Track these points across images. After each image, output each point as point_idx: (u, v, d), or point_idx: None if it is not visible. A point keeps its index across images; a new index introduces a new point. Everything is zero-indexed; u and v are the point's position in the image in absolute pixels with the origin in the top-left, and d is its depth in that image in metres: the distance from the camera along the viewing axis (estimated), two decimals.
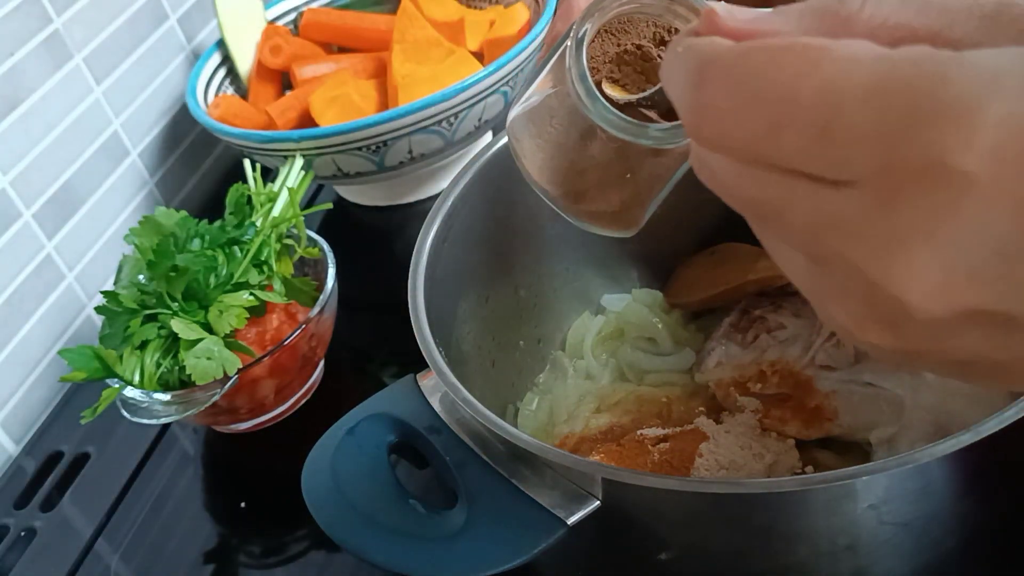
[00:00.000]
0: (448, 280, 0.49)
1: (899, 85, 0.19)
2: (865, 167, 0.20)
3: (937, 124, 0.19)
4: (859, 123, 0.20)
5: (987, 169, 0.19)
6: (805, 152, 0.21)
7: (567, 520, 0.37)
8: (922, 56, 0.20)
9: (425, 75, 0.73)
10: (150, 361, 0.56)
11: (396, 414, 0.43)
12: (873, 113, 0.20)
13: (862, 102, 0.20)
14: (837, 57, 0.20)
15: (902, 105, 0.19)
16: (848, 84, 0.20)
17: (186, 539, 0.57)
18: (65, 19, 0.73)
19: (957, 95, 0.19)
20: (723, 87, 0.22)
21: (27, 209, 0.69)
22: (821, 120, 0.20)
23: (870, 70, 0.20)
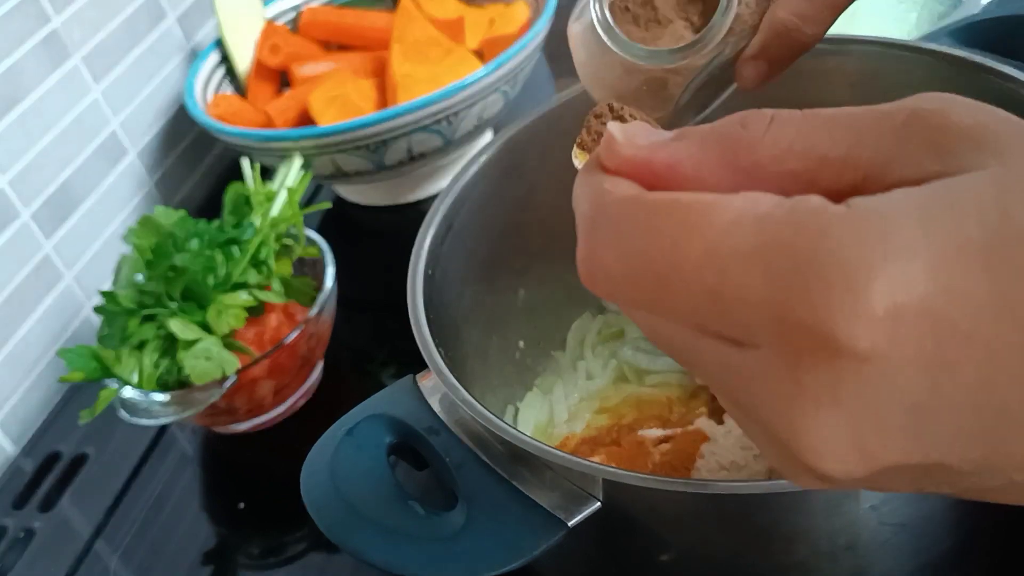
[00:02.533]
0: (447, 280, 0.49)
1: (783, 251, 0.19)
2: (760, 332, 0.19)
3: (824, 293, 0.18)
4: (747, 289, 0.19)
5: (883, 335, 0.18)
6: (698, 314, 0.20)
7: (567, 521, 0.37)
8: (806, 216, 0.19)
9: (424, 74, 0.73)
10: (149, 361, 0.55)
11: (395, 415, 0.43)
12: (759, 279, 0.19)
13: (746, 267, 0.19)
14: (718, 220, 0.19)
15: (787, 271, 0.18)
16: (731, 249, 0.19)
17: (185, 540, 0.57)
18: (63, 18, 0.73)
19: (842, 260, 0.18)
20: (610, 242, 0.21)
21: (26, 209, 0.69)
22: (708, 285, 0.19)
23: (753, 233, 0.19)
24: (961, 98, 0.21)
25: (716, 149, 0.21)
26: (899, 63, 0.50)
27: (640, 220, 0.20)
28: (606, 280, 0.21)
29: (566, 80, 0.89)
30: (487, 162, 0.52)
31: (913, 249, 0.18)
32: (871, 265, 0.18)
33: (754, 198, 0.19)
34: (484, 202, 0.52)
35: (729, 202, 0.19)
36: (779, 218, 0.19)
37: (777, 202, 0.19)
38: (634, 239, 0.20)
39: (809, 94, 0.54)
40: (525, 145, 0.54)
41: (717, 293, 0.19)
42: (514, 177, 0.54)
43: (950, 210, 0.18)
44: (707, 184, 0.21)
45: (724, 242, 0.19)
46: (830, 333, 0.18)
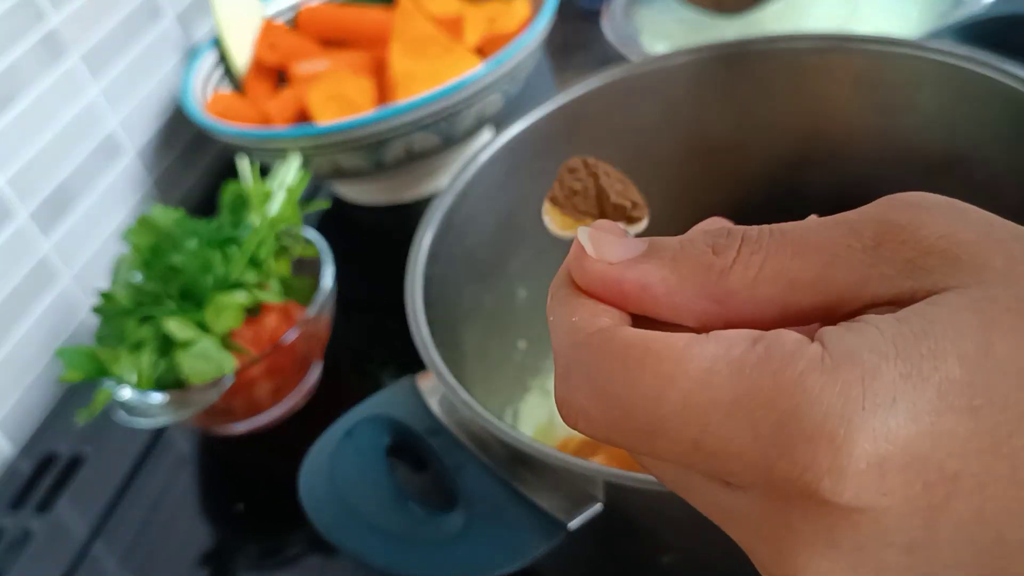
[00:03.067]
0: (447, 280, 0.49)
1: (761, 403, 0.18)
2: (748, 480, 0.19)
3: (806, 449, 0.18)
4: (729, 442, 0.19)
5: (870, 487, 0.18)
6: (684, 459, 0.20)
7: (568, 523, 0.37)
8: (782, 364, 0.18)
9: (424, 72, 0.73)
10: (146, 361, 0.55)
11: (394, 416, 0.43)
12: (741, 433, 0.18)
13: (727, 421, 0.19)
14: (694, 369, 0.19)
15: (768, 425, 0.18)
16: (710, 401, 0.19)
17: (183, 541, 0.57)
18: (61, 17, 0.73)
19: (821, 415, 0.18)
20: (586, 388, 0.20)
21: (23, 208, 0.69)
22: (690, 435, 0.19)
23: (730, 384, 0.19)
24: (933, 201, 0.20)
25: (688, 274, 0.21)
26: (901, 61, 0.50)
27: (614, 367, 0.20)
28: (587, 424, 0.21)
29: (566, 78, 0.89)
30: (487, 161, 0.52)
31: (892, 397, 0.18)
32: (851, 418, 0.17)
33: (728, 341, 0.19)
34: (484, 201, 0.52)
35: (702, 348, 0.19)
36: (755, 365, 0.18)
37: (750, 345, 0.19)
38: (610, 387, 0.20)
39: (812, 92, 0.54)
40: (525, 144, 0.53)
41: (700, 444, 0.19)
42: (514, 176, 0.53)
43: (927, 347, 0.18)
44: (679, 309, 0.21)
45: (702, 394, 0.19)
46: (816, 489, 0.18)
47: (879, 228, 0.20)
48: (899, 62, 0.50)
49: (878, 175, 0.53)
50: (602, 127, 0.55)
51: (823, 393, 0.18)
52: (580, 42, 0.94)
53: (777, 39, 0.53)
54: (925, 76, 0.49)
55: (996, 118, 0.47)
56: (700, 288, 0.21)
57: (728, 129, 0.55)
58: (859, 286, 0.20)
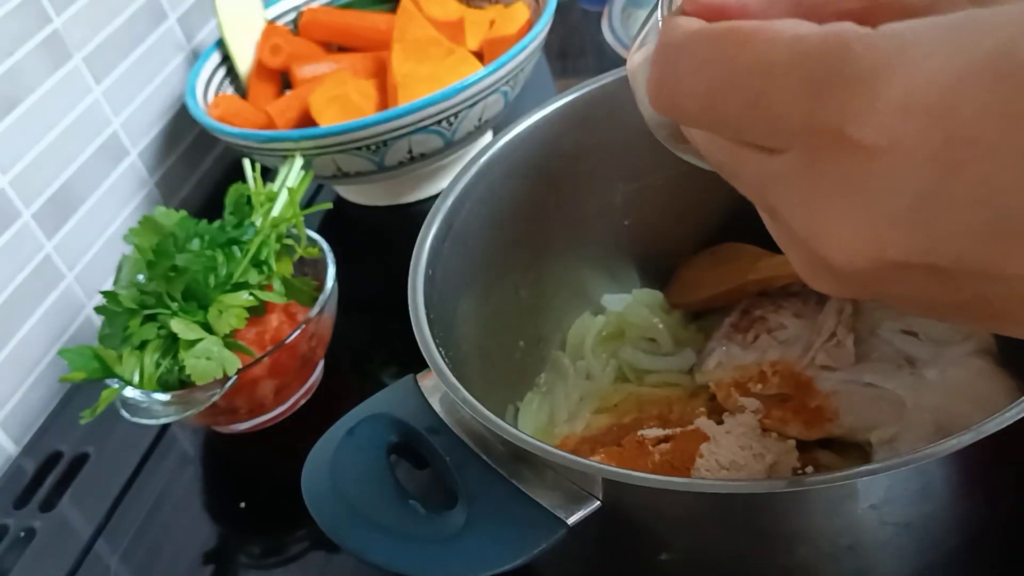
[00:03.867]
0: (448, 280, 0.49)
1: (812, 60, 0.21)
2: (790, 133, 0.22)
3: (843, 94, 0.21)
4: (781, 94, 0.22)
5: (891, 132, 0.20)
6: (742, 120, 0.23)
7: (567, 520, 0.37)
8: (833, 33, 0.21)
9: (425, 74, 0.73)
10: (149, 361, 0.55)
11: (396, 414, 0.43)
12: (792, 84, 0.22)
13: (783, 75, 0.22)
14: (764, 38, 0.22)
15: (815, 77, 0.21)
16: (772, 60, 0.22)
17: (186, 539, 0.57)
18: (64, 19, 0.73)
19: (860, 67, 0.21)
20: (675, 64, 0.24)
21: (26, 209, 0.69)
22: (752, 92, 0.23)
23: (788, 48, 0.22)
24: None
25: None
26: None
27: (701, 43, 0.24)
28: (670, 95, 0.25)
29: (566, 80, 0.90)
30: (487, 162, 0.52)
31: (929, 57, 0.20)
32: (886, 68, 0.20)
33: (796, 22, 0.22)
34: (485, 202, 0.52)
35: (774, 24, 0.22)
36: (814, 36, 0.22)
37: (813, 25, 0.22)
38: (694, 58, 0.24)
39: None
40: (525, 145, 0.54)
41: (758, 99, 0.22)
42: (514, 177, 0.54)
43: (971, 30, 0.20)
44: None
45: (769, 54, 0.22)
46: (846, 127, 0.21)
47: None
48: None
49: None
50: (602, 128, 0.55)
51: (868, 52, 0.21)
52: (580, 44, 0.95)
53: None
54: None
55: None
56: (791, 4, 0.24)
57: None
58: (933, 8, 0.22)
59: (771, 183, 0.24)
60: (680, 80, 0.24)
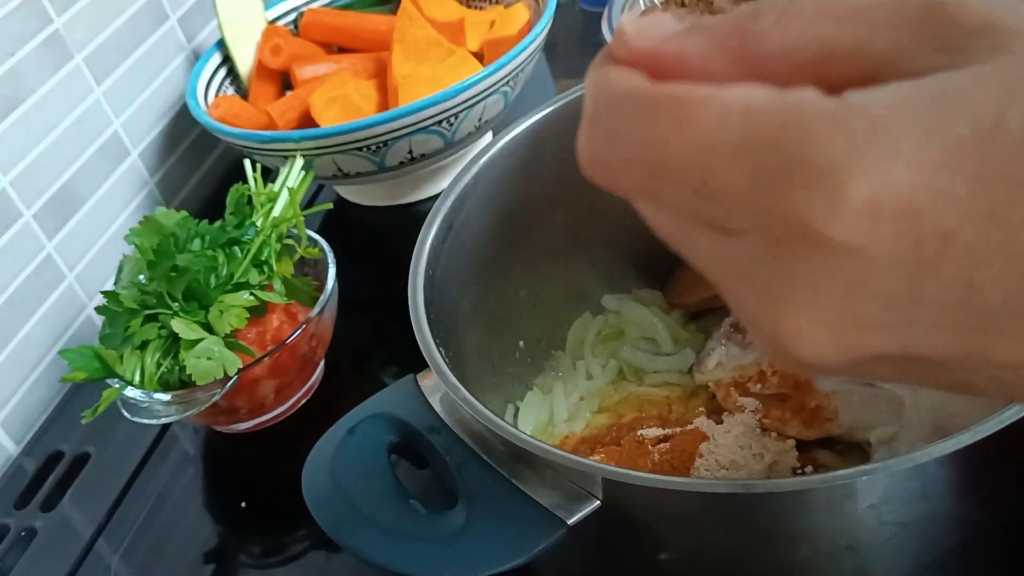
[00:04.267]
0: (448, 280, 0.49)
1: (767, 145, 0.19)
2: (746, 223, 0.20)
3: (805, 187, 0.18)
4: (731, 182, 0.19)
5: (861, 229, 0.18)
6: (687, 204, 0.20)
7: (567, 520, 0.37)
8: (795, 112, 0.19)
9: (425, 75, 0.73)
10: (150, 361, 0.56)
11: (396, 414, 0.43)
12: (743, 172, 0.19)
13: (731, 161, 0.19)
14: (710, 113, 0.19)
15: (771, 166, 0.19)
16: (717, 142, 0.19)
17: (186, 539, 0.57)
18: (65, 19, 0.73)
19: (825, 158, 0.18)
20: (607, 131, 0.21)
21: (27, 209, 0.69)
22: (695, 177, 0.20)
23: (739, 127, 0.19)
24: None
25: (725, 42, 0.21)
26: None
27: (636, 111, 0.20)
28: (603, 169, 0.22)
29: (566, 81, 0.90)
30: (487, 162, 0.52)
31: (897, 147, 0.18)
32: (852, 162, 0.18)
33: (747, 91, 0.19)
34: (485, 202, 0.52)
35: (722, 95, 0.19)
36: (768, 113, 0.19)
37: (769, 95, 0.19)
38: (629, 130, 0.21)
39: None
40: (525, 146, 0.54)
41: (703, 185, 0.20)
42: (514, 177, 0.54)
43: (943, 106, 0.18)
44: (714, 78, 0.21)
45: (713, 135, 0.19)
46: (809, 224, 0.18)
47: (923, 5, 0.20)
48: None
49: None
50: None
51: (830, 140, 0.18)
52: (580, 45, 0.95)
53: None
54: None
55: None
56: (736, 56, 0.21)
57: None
58: (895, 59, 0.20)
59: (727, 268, 0.21)
60: (612, 150, 0.21)
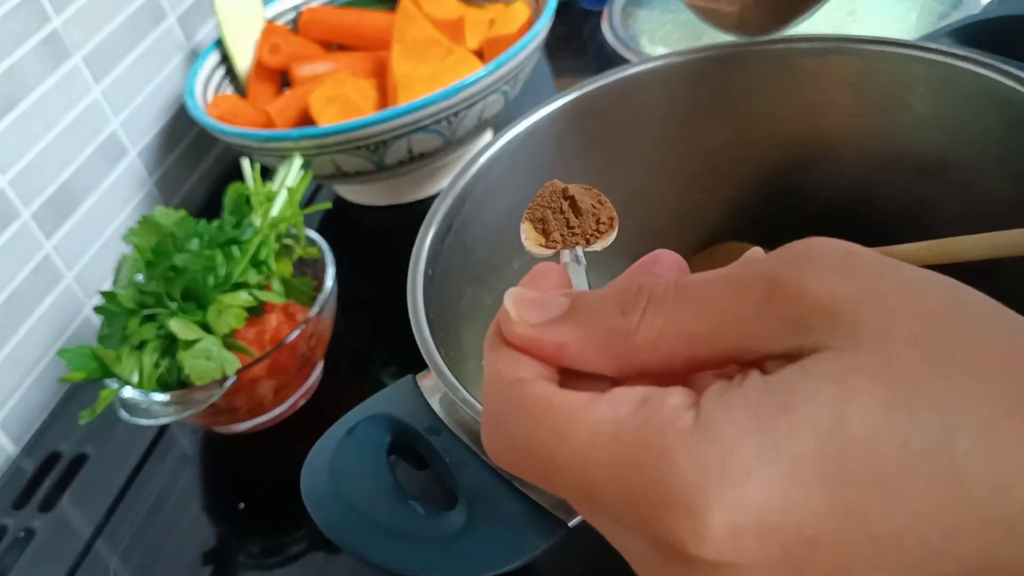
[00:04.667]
0: (448, 280, 0.49)
1: (634, 466, 0.20)
2: (630, 532, 0.21)
3: (670, 512, 0.19)
4: (608, 499, 0.20)
5: (729, 549, 0.19)
6: (579, 507, 0.22)
7: (568, 521, 0.37)
8: (654, 431, 0.20)
9: (425, 74, 0.73)
10: (149, 361, 0.55)
11: (395, 415, 0.43)
12: (618, 491, 0.20)
13: (607, 478, 0.20)
14: (582, 429, 0.21)
15: (639, 488, 0.20)
16: (592, 459, 0.21)
17: (185, 540, 0.57)
18: (64, 18, 0.73)
19: (683, 485, 0.19)
20: (499, 431, 0.23)
21: (26, 209, 0.69)
22: (579, 487, 0.21)
23: (610, 446, 0.20)
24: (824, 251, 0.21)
25: (598, 336, 0.23)
26: (899, 63, 0.50)
27: (519, 419, 0.22)
28: (504, 463, 0.23)
29: (566, 80, 0.89)
30: (487, 162, 0.52)
31: (747, 470, 0.19)
32: (708, 491, 0.19)
33: (616, 404, 0.21)
34: (484, 202, 0.52)
35: (593, 410, 0.21)
36: (633, 432, 0.20)
37: (634, 409, 0.21)
38: (515, 436, 0.22)
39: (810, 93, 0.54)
40: (525, 145, 0.54)
41: (589, 496, 0.21)
42: (514, 177, 0.54)
43: (787, 417, 0.19)
44: (592, 365, 0.23)
45: (587, 452, 0.21)
46: (681, 547, 0.19)
47: (768, 285, 0.21)
48: (895, 64, 0.50)
49: (874, 176, 0.53)
50: (601, 128, 0.55)
51: (685, 466, 0.19)
52: (580, 44, 0.95)
53: (774, 41, 0.53)
54: (921, 78, 0.50)
55: (992, 120, 0.47)
56: (609, 348, 0.23)
57: (726, 130, 0.56)
58: (751, 343, 0.21)
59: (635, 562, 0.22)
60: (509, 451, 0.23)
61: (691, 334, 0.22)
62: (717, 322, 0.21)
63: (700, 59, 0.54)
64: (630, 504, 0.20)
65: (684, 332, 0.22)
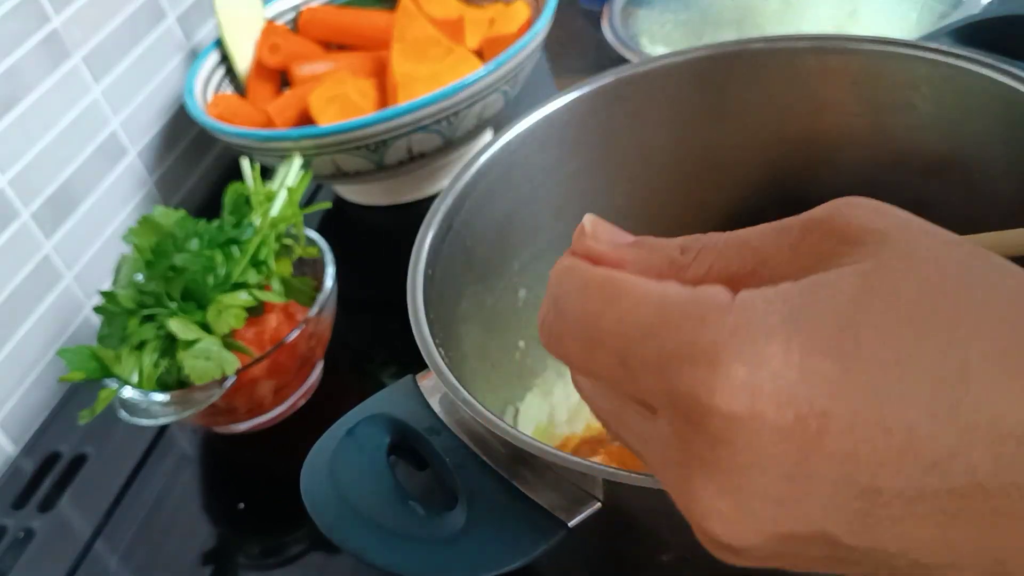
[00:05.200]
0: (448, 280, 0.49)
1: (671, 327, 0.22)
2: (656, 399, 0.22)
3: (692, 364, 0.21)
4: (644, 357, 0.22)
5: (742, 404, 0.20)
6: (614, 377, 0.23)
7: (568, 522, 0.37)
8: (694, 301, 0.22)
9: (425, 73, 0.73)
10: (148, 361, 0.55)
11: (395, 415, 0.43)
12: (653, 349, 0.22)
13: (644, 338, 0.22)
14: (633, 296, 0.23)
15: (672, 344, 0.21)
16: (636, 322, 0.22)
17: (185, 540, 0.57)
18: (63, 18, 0.73)
19: (710, 340, 0.21)
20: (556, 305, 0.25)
21: (25, 208, 0.69)
22: (619, 350, 0.23)
23: (653, 310, 0.22)
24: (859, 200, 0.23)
25: (657, 263, 0.25)
26: (900, 62, 0.50)
27: (578, 288, 0.24)
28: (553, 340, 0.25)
29: (566, 79, 0.89)
30: (487, 162, 0.52)
31: (771, 334, 0.20)
32: (732, 344, 0.21)
33: (666, 284, 0.23)
34: (484, 202, 0.52)
35: (645, 283, 0.23)
36: (678, 303, 0.22)
37: (682, 289, 0.22)
38: (572, 304, 0.24)
39: (811, 93, 0.54)
40: (525, 145, 0.54)
41: (625, 360, 0.22)
42: (514, 176, 0.54)
43: (810, 298, 0.21)
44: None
45: (633, 314, 0.22)
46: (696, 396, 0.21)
47: (805, 225, 0.23)
48: (897, 63, 0.50)
49: (875, 176, 0.53)
50: (602, 128, 0.55)
51: (715, 327, 0.21)
52: (580, 44, 0.94)
53: (776, 40, 0.53)
54: (923, 77, 0.50)
55: (994, 119, 0.47)
56: (661, 275, 0.25)
57: (727, 130, 0.56)
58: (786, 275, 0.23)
59: (651, 446, 0.23)
60: (558, 322, 0.25)
61: (732, 272, 0.24)
62: (757, 262, 0.24)
63: (700, 59, 0.54)
64: (660, 360, 0.21)
65: (728, 271, 0.24)
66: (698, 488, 0.21)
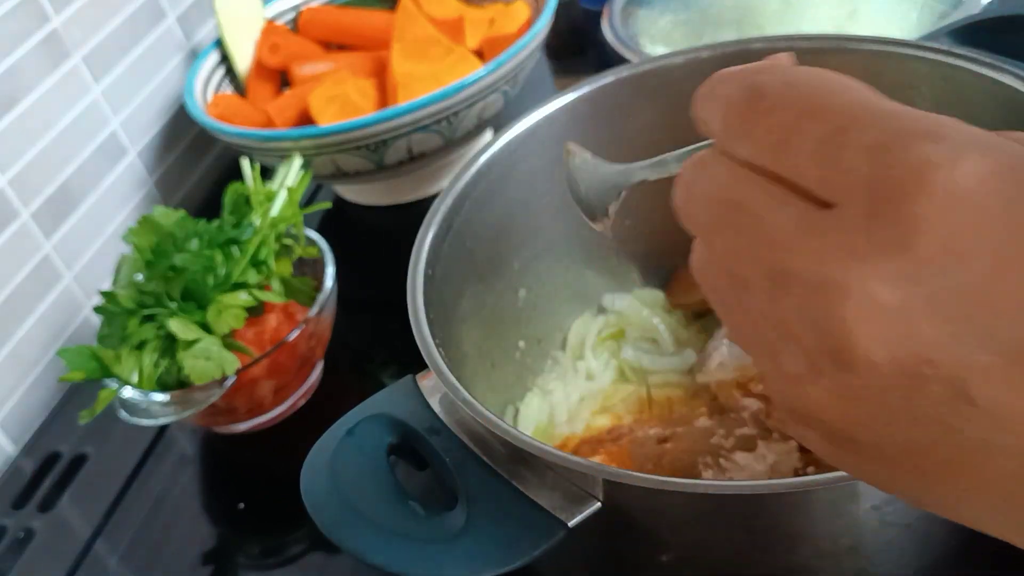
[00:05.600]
0: (448, 280, 0.49)
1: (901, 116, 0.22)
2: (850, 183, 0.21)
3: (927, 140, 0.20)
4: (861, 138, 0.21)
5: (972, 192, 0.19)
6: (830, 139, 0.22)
7: (568, 522, 0.37)
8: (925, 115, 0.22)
9: (424, 73, 0.73)
10: (148, 361, 0.55)
11: (395, 415, 0.43)
12: (877, 130, 0.21)
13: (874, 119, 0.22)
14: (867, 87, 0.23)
15: (904, 124, 0.21)
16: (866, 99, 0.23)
17: (185, 540, 0.57)
18: (63, 18, 0.73)
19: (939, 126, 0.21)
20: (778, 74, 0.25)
21: (25, 208, 0.69)
22: (837, 126, 0.22)
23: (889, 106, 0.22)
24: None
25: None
26: (900, 62, 0.50)
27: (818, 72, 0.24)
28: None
29: (566, 79, 0.89)
30: (487, 162, 0.52)
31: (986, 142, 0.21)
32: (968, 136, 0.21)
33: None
34: (484, 202, 0.52)
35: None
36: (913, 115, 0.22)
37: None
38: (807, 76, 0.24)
39: None
40: (525, 145, 0.54)
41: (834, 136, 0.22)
42: (514, 177, 0.54)
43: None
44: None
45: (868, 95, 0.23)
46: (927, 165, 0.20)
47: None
48: (897, 63, 0.50)
49: None
50: (602, 128, 0.55)
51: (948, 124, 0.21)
52: (580, 44, 0.94)
53: (776, 40, 0.53)
54: (923, 77, 0.50)
55: (995, 120, 0.47)
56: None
57: None
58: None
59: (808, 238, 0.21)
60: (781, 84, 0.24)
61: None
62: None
63: (700, 59, 0.54)
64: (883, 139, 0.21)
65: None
66: (868, 275, 0.20)
